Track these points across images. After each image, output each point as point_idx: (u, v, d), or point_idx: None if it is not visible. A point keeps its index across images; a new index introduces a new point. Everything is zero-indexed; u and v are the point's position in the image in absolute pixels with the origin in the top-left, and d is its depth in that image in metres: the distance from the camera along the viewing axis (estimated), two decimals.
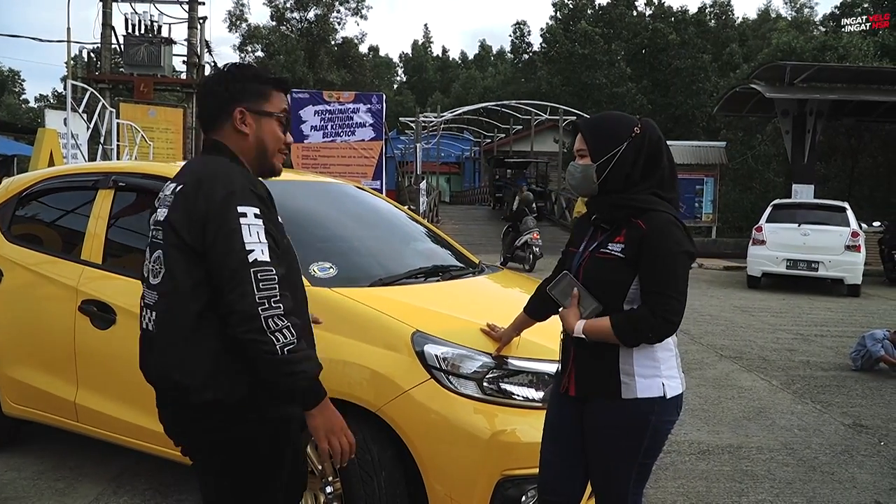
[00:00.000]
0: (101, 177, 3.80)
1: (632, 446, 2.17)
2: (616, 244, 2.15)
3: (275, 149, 1.99)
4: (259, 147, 1.97)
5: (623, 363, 2.14)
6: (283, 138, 2.01)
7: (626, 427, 2.16)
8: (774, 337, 8.35)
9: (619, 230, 2.16)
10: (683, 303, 2.09)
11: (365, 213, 4.12)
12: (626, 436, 2.17)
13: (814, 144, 17.73)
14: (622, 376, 2.14)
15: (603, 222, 2.24)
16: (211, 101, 1.97)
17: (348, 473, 2.65)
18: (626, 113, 2.37)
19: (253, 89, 1.95)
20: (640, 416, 2.14)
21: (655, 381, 2.15)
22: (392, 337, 2.75)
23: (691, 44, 33.38)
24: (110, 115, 12.66)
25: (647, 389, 2.14)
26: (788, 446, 4.56)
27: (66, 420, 3.66)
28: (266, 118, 1.97)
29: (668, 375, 2.18)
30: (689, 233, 2.17)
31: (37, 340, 3.76)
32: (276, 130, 1.99)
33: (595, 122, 2.29)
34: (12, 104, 56.16)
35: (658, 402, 2.15)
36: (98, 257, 3.60)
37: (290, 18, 41.33)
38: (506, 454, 2.61)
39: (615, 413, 2.16)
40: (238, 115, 1.93)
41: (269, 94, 1.98)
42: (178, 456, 3.18)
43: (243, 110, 1.94)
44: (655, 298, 2.07)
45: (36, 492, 3.61)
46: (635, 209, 2.14)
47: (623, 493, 2.22)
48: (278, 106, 1.99)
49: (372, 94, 17.55)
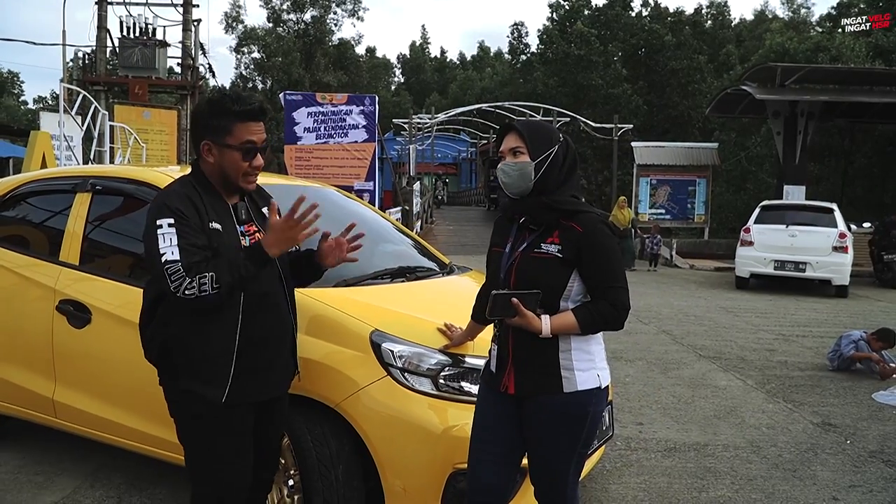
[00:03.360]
0: (80, 180, 3.90)
1: (573, 438, 2.29)
2: (550, 244, 2.25)
3: (236, 175, 2.32)
4: (221, 173, 2.33)
5: (563, 359, 2.26)
6: (243, 167, 2.31)
7: (568, 419, 2.28)
8: (756, 337, 8.46)
9: (551, 231, 2.27)
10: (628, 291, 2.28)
11: (338, 216, 4.21)
12: (569, 428, 2.28)
13: (805, 145, 17.85)
14: (563, 371, 2.26)
15: (531, 223, 2.33)
16: (191, 132, 2.42)
17: (307, 467, 2.77)
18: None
19: (217, 125, 2.29)
20: (581, 408, 2.27)
21: (592, 374, 2.29)
22: (351, 335, 2.86)
23: (687, 45, 33.47)
24: (103, 118, 12.75)
25: (586, 381, 2.27)
26: (754, 444, 4.67)
27: (44, 416, 3.76)
28: (227, 150, 2.29)
29: (601, 367, 2.34)
30: (612, 228, 2.34)
31: (17, 338, 3.86)
32: (237, 160, 2.30)
33: (532, 123, 2.40)
34: (11, 106, 56.26)
35: (595, 393, 2.29)
36: (76, 258, 3.70)
37: (286, 20, 41.48)
38: (457, 448, 2.70)
39: (557, 406, 2.27)
40: (204, 147, 2.32)
41: (232, 128, 2.28)
42: (153, 451, 3.33)
43: (209, 143, 2.31)
44: (610, 292, 2.24)
45: (16, 484, 3.72)
46: (566, 211, 2.26)
47: (564, 484, 2.33)
48: (240, 138, 2.28)
49: (365, 96, 17.67)
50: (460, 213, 30.92)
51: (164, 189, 2.40)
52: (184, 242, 2.17)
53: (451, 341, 2.82)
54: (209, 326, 2.27)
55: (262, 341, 2.36)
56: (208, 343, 2.27)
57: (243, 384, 2.31)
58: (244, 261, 2.17)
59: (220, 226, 2.29)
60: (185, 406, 2.36)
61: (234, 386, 2.29)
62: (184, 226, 2.20)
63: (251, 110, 2.30)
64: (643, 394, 5.81)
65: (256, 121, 2.31)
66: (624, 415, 5.16)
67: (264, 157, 2.37)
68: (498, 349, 2.38)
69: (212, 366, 2.29)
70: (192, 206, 2.26)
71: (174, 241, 2.17)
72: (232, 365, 2.29)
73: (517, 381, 2.31)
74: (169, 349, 2.32)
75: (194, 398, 2.31)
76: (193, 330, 2.28)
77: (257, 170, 2.35)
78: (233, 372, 2.29)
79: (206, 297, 2.13)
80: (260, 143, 2.32)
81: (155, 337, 2.36)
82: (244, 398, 2.34)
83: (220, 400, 2.29)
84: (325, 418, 2.82)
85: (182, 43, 20.78)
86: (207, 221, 2.26)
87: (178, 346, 2.31)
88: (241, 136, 2.28)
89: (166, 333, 2.32)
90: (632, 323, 9.14)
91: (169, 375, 2.36)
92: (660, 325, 9.08)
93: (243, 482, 2.41)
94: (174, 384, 2.35)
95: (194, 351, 2.29)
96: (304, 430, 2.80)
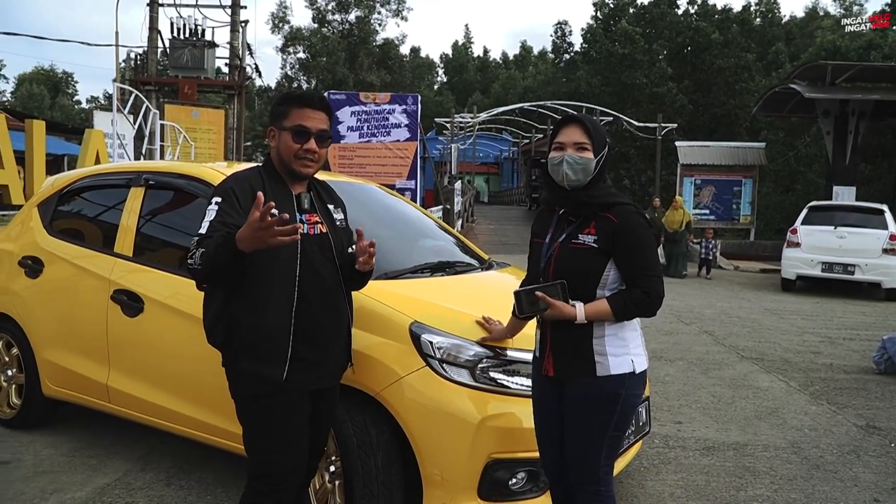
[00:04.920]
0: (134, 175, 4.07)
1: (605, 419, 2.39)
2: (587, 235, 2.37)
3: (289, 156, 2.47)
4: (278, 155, 2.51)
5: (597, 345, 2.38)
6: (294, 148, 2.45)
7: (600, 401, 2.39)
8: (801, 339, 8.32)
9: (588, 222, 2.39)
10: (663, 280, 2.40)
11: (379, 211, 4.31)
12: (601, 409, 2.39)
13: (856, 145, 17.44)
14: (596, 356, 2.38)
15: (571, 215, 2.44)
16: None
17: (348, 453, 2.85)
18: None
19: (278, 111, 2.51)
20: (613, 390, 2.38)
21: (626, 359, 2.40)
22: (392, 327, 2.94)
23: (735, 43, 32.85)
24: (154, 117, 13.11)
25: (619, 366, 2.38)
26: (795, 445, 4.62)
27: (99, 401, 3.94)
28: (283, 132, 2.48)
29: (636, 353, 2.44)
30: (647, 219, 2.43)
31: (73, 327, 4.05)
32: (289, 142, 2.46)
33: (595, 121, 2.50)
34: (66, 105, 58.02)
35: (628, 378, 2.39)
36: (129, 250, 3.86)
37: (331, 20, 41.96)
38: (494, 438, 2.78)
39: (591, 388, 2.39)
40: (270, 133, 2.56)
41: (289, 112, 2.48)
42: (201, 436, 3.46)
43: (273, 129, 2.53)
44: (644, 281, 2.35)
45: (71, 466, 3.89)
46: (603, 203, 2.38)
47: (596, 465, 2.41)
48: (294, 121, 2.46)
49: (407, 95, 17.80)
50: (501, 213, 30.91)
51: (233, 173, 2.57)
52: (216, 220, 2.31)
53: (489, 334, 2.89)
54: (266, 306, 2.38)
55: (318, 328, 2.47)
56: (265, 322, 2.38)
57: (300, 367, 2.42)
58: (217, 247, 2.20)
59: (276, 211, 2.37)
60: (246, 387, 2.45)
61: (292, 367, 2.40)
62: (227, 205, 2.35)
63: (306, 96, 2.53)
64: (683, 393, 5.78)
65: (313, 108, 2.48)
66: (663, 413, 5.15)
67: (322, 146, 2.49)
68: (540, 335, 2.51)
69: (270, 345, 2.39)
70: (250, 189, 2.38)
71: (210, 218, 2.34)
72: (289, 345, 2.40)
73: (555, 365, 2.44)
74: (231, 332, 2.41)
75: (255, 380, 2.41)
76: (251, 308, 2.38)
77: (310, 153, 2.47)
78: (290, 352, 2.40)
79: (195, 270, 2.28)
80: (314, 130, 2.46)
81: (218, 319, 2.45)
82: (301, 381, 2.43)
83: (279, 378, 2.39)
84: (366, 407, 2.91)
85: (230, 44, 21.19)
86: None
87: (238, 327, 2.40)
88: (295, 119, 2.46)
89: (228, 314, 2.41)
90: (672, 323, 9.08)
91: (231, 358, 2.45)
92: (701, 326, 8.99)
93: (300, 463, 2.49)
94: (236, 366, 2.44)
95: (253, 330, 2.38)
96: (345, 418, 2.88)
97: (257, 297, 2.37)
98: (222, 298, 2.43)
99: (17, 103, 51.83)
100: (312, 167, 2.51)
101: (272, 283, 2.38)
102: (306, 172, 2.51)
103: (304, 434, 2.50)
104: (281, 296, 2.39)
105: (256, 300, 2.38)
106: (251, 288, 2.36)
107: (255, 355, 2.40)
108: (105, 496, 3.54)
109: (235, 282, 2.34)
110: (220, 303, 2.44)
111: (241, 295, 2.38)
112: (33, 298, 4.27)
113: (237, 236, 2.15)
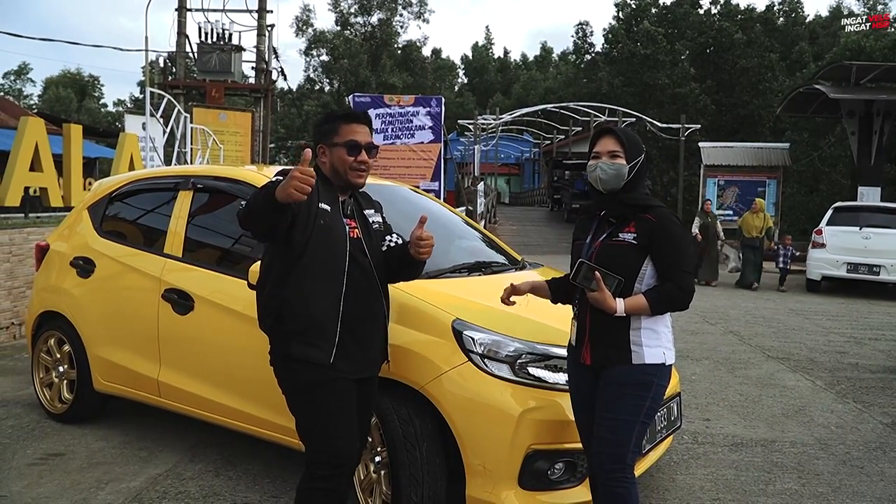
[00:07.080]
0: (182, 179, 4.26)
1: (637, 404, 2.55)
2: (627, 233, 2.57)
3: (344, 169, 2.67)
4: (332, 168, 2.70)
5: (633, 336, 2.56)
6: (349, 161, 2.66)
7: (634, 387, 2.55)
8: (826, 339, 8.36)
9: (628, 222, 2.59)
10: (694, 277, 2.56)
11: (414, 213, 4.44)
12: (634, 394, 2.55)
13: (881, 146, 17.34)
14: (632, 346, 2.56)
15: (611, 217, 2.64)
16: (312, 141, 2.83)
17: (394, 444, 3.00)
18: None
19: (327, 129, 2.71)
20: (646, 377, 2.56)
21: (658, 350, 2.58)
22: (435, 323, 3.09)
23: (758, 42, 32.65)
24: (185, 120, 13.37)
25: (653, 357, 2.57)
26: (822, 442, 4.71)
27: (150, 395, 4.13)
28: (335, 148, 2.68)
29: (667, 347, 2.63)
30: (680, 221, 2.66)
31: (125, 324, 4.24)
32: (343, 156, 2.66)
33: (629, 132, 2.72)
34: (92, 108, 58.84)
35: (660, 367, 2.58)
36: (178, 251, 4.05)
37: (353, 23, 42.31)
38: (534, 430, 2.91)
39: (626, 375, 2.56)
40: (320, 150, 2.73)
41: (338, 129, 2.68)
42: (248, 429, 3.63)
43: (323, 146, 2.72)
44: (677, 276, 2.53)
45: (123, 458, 4.08)
46: (642, 206, 2.59)
47: (625, 449, 2.53)
48: (345, 136, 2.67)
49: (431, 98, 17.97)
50: (523, 214, 30.96)
51: None
52: (270, 182, 2.40)
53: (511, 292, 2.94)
54: (317, 289, 2.54)
55: (361, 317, 2.63)
56: (316, 305, 2.54)
57: (344, 355, 2.57)
58: (258, 192, 2.36)
59: (328, 207, 2.61)
60: (295, 376, 2.59)
61: (338, 354, 2.56)
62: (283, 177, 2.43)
63: (353, 114, 2.76)
64: (710, 391, 5.87)
65: (359, 123, 2.71)
66: (690, 411, 5.25)
67: (371, 156, 2.71)
68: (577, 326, 2.68)
69: (319, 328, 2.55)
70: None
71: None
72: (337, 329, 2.56)
73: (593, 354, 2.61)
74: (283, 315, 2.55)
75: (303, 366, 2.55)
76: (303, 294, 2.53)
77: (363, 164, 2.68)
78: (338, 337, 2.56)
79: (239, 213, 2.46)
80: (363, 143, 2.68)
81: (270, 302, 2.59)
82: (345, 370, 2.58)
83: (327, 361, 2.54)
84: (411, 400, 3.05)
85: (256, 48, 21.49)
86: (317, 201, 2.56)
87: (289, 311, 2.54)
88: (345, 134, 2.67)
89: (280, 299, 2.55)
90: (698, 323, 9.14)
91: (281, 343, 2.58)
92: (727, 326, 9.05)
93: (354, 448, 2.63)
94: (286, 352, 2.56)
95: (303, 314, 2.53)
96: (390, 410, 3.03)
97: (309, 286, 2.55)
98: (275, 284, 2.58)
99: (45, 106, 52.75)
100: (364, 176, 2.72)
101: (324, 273, 2.56)
102: (360, 182, 2.72)
103: (354, 421, 2.64)
104: (331, 285, 2.57)
105: (308, 288, 2.55)
106: (304, 277, 2.54)
107: (304, 339, 2.54)
108: (158, 485, 3.71)
109: (267, 234, 2.49)
110: (272, 288, 2.59)
111: (294, 282, 2.55)
112: (85, 297, 4.46)
113: (279, 186, 2.30)
